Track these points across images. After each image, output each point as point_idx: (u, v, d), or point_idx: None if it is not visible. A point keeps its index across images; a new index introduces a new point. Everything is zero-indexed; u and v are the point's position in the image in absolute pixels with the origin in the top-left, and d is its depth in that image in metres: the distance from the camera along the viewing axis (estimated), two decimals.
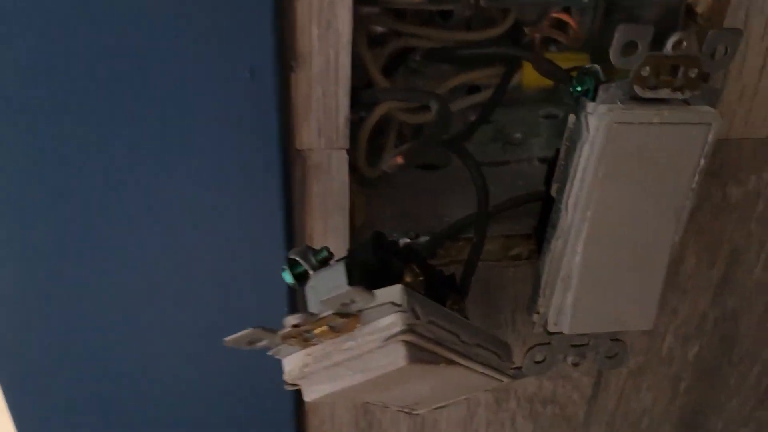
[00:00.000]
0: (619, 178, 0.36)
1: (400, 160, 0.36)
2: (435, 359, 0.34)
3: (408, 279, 0.38)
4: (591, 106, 0.35)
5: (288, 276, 0.36)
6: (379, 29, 0.44)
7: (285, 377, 0.34)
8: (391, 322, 0.31)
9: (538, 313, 0.42)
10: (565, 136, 0.37)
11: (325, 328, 0.31)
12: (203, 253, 0.43)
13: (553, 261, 0.40)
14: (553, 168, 0.39)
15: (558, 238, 0.39)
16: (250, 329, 0.30)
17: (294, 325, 0.30)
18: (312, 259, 0.36)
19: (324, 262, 0.36)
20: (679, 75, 0.34)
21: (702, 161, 0.37)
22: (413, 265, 0.38)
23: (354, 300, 0.30)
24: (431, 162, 0.52)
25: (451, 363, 0.36)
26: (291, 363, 0.34)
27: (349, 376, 0.33)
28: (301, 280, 0.36)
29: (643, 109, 0.35)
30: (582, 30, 0.46)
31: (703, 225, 0.46)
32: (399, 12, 0.44)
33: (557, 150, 0.39)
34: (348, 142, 0.40)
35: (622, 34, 0.33)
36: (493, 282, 0.47)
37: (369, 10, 0.42)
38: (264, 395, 0.49)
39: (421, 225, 0.47)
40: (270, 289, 0.43)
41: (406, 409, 0.43)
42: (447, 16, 0.46)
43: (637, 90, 0.34)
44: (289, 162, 0.39)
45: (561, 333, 0.42)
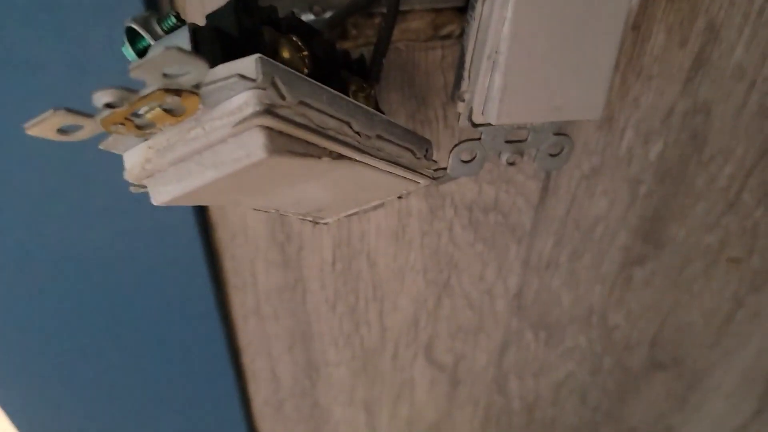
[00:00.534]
0: None
1: None
2: (312, 151, 0.27)
3: (286, 54, 0.30)
4: None
5: (128, 51, 0.28)
6: None
7: (126, 176, 0.27)
8: (243, 101, 0.24)
9: (462, 101, 0.35)
10: None
11: (159, 110, 0.24)
12: None
13: (479, 33, 0.32)
14: None
15: (484, 0, 0.31)
16: (51, 110, 0.23)
17: (107, 104, 0.23)
18: (157, 29, 0.28)
19: (172, 31, 0.28)
20: None
21: None
22: (294, 37, 0.30)
23: (182, 69, 0.23)
24: None
25: (339, 158, 0.29)
26: (132, 158, 0.27)
27: (200, 172, 0.26)
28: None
29: None
30: None
31: None
32: None
33: None
34: None
35: None
36: (419, 68, 0.39)
37: None
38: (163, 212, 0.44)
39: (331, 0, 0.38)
40: None
41: (308, 218, 0.37)
42: None
43: None
44: None
45: (489, 125, 0.35)
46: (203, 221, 0.45)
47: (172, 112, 0.24)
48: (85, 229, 0.45)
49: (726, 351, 0.68)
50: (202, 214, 0.44)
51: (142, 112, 0.24)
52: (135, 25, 0.28)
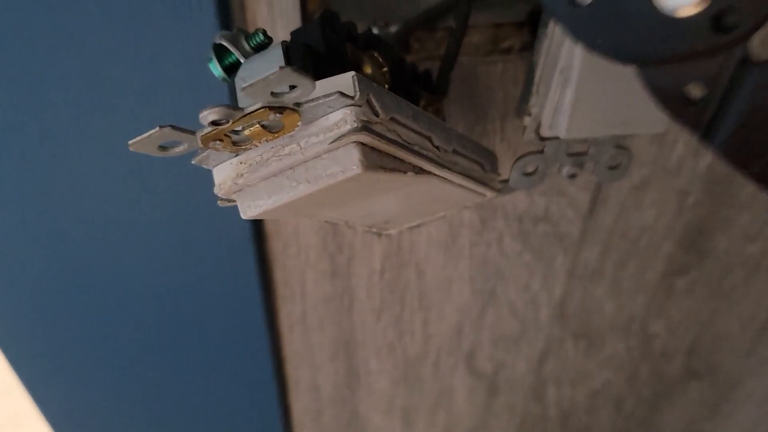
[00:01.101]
0: None
1: None
2: (400, 166, 0.28)
3: (368, 70, 0.31)
4: None
5: (215, 67, 0.29)
6: None
7: (216, 191, 0.28)
8: (341, 118, 0.25)
9: (529, 115, 0.35)
10: None
11: (258, 127, 0.25)
12: None
13: (551, 50, 0.33)
14: None
15: None
16: (157, 128, 0.23)
17: (213, 123, 0.23)
18: (245, 45, 0.29)
19: (260, 48, 0.29)
20: None
21: None
22: (375, 53, 0.31)
23: (289, 87, 0.23)
24: None
25: (421, 172, 0.30)
26: (222, 173, 0.28)
27: (292, 187, 0.27)
28: (233, 72, 0.29)
29: None
30: None
31: None
32: None
33: None
34: None
35: None
36: (480, 82, 0.39)
37: None
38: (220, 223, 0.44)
39: (393, 12, 0.38)
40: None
41: (374, 229, 0.38)
42: None
43: None
44: None
45: (556, 138, 0.36)
46: (258, 231, 0.45)
47: (270, 128, 0.25)
48: (143, 238, 0.45)
49: (761, 359, 0.68)
50: (257, 224, 0.45)
51: (240, 128, 0.25)
52: (225, 42, 0.28)
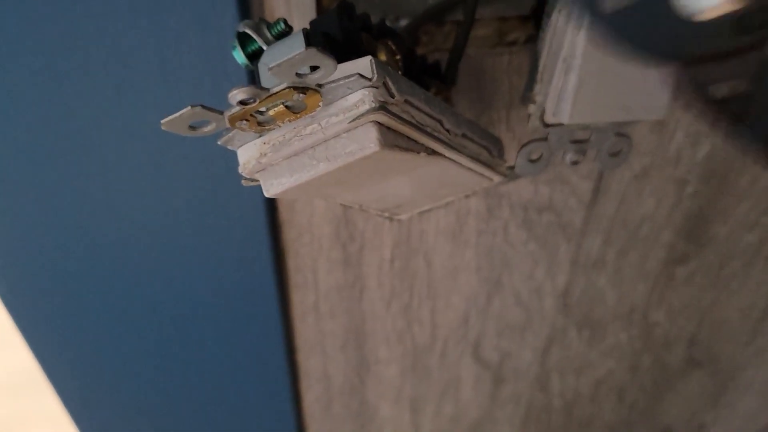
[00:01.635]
0: None
1: None
2: (413, 146, 0.30)
3: (383, 57, 0.32)
4: None
5: (239, 54, 0.31)
6: None
7: (240, 170, 0.29)
8: (360, 98, 0.27)
9: (534, 103, 0.37)
10: None
11: (282, 108, 0.26)
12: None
13: (554, 38, 0.34)
14: None
15: (560, 10, 0.33)
16: (189, 107, 0.25)
17: (241, 102, 0.25)
18: (267, 33, 0.30)
19: (281, 36, 0.30)
20: None
21: None
22: (389, 42, 0.33)
23: (313, 67, 0.25)
24: None
25: (433, 153, 0.31)
26: (247, 153, 0.29)
27: (313, 165, 0.28)
28: (256, 59, 0.31)
29: None
30: None
31: None
32: None
33: None
34: None
35: None
36: (486, 73, 0.41)
37: None
38: (235, 211, 0.46)
39: (403, 7, 0.40)
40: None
41: (386, 213, 0.40)
42: None
43: None
44: None
45: (560, 125, 0.37)
46: (273, 220, 0.47)
47: (293, 108, 0.27)
48: (160, 226, 0.47)
49: (760, 349, 0.69)
50: (272, 212, 0.46)
51: (265, 109, 0.27)
52: (248, 30, 0.30)
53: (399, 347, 0.60)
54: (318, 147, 0.28)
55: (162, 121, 0.25)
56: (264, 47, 0.30)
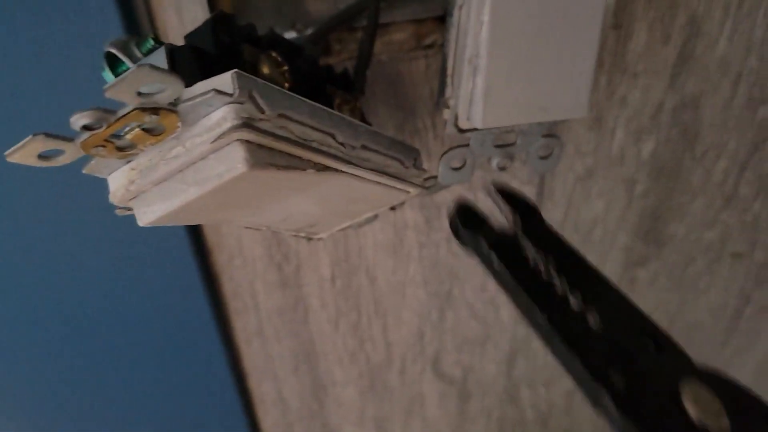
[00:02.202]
0: None
1: None
2: (297, 164, 0.27)
3: (266, 69, 0.30)
4: None
5: (109, 76, 0.28)
6: None
7: (110, 198, 0.27)
8: (222, 116, 0.24)
9: (448, 108, 0.35)
10: None
11: (139, 131, 0.24)
12: None
13: (459, 38, 0.32)
14: None
15: (461, 6, 0.31)
16: (30, 136, 0.23)
17: (85, 127, 0.23)
18: (136, 52, 0.28)
19: (151, 53, 0.28)
20: None
21: None
22: (274, 53, 0.31)
23: (157, 87, 0.23)
24: None
25: (324, 169, 0.29)
26: (116, 181, 0.27)
27: (183, 190, 0.26)
28: None
29: None
30: None
31: None
32: None
33: None
34: None
35: None
36: (405, 80, 0.39)
37: None
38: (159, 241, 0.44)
39: (312, 16, 0.38)
40: None
41: (302, 234, 0.37)
42: None
43: None
44: None
45: (475, 129, 0.35)
46: (199, 245, 0.45)
47: (151, 131, 0.25)
48: (80, 256, 0.45)
49: (736, 349, 0.67)
50: (197, 237, 0.44)
51: (122, 133, 0.24)
52: (114, 50, 0.28)
53: (354, 367, 0.58)
54: (186, 170, 0.26)
55: (6, 153, 0.23)
56: (132, 66, 0.28)
